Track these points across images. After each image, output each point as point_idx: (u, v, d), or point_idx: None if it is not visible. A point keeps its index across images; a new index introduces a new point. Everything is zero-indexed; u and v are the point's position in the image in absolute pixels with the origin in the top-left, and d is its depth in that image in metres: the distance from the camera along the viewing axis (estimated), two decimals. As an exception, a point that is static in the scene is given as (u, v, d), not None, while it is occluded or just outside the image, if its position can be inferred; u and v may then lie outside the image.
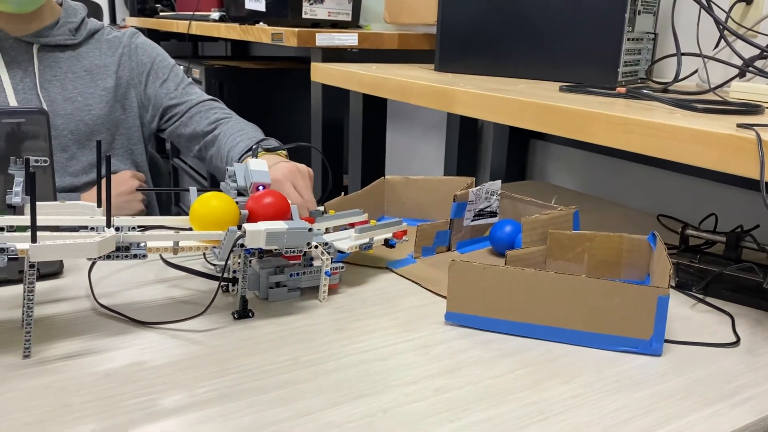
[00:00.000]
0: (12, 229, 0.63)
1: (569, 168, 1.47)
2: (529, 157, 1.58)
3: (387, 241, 0.83)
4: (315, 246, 0.73)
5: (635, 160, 1.30)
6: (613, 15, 0.96)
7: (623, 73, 0.98)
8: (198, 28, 1.96)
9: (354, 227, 0.82)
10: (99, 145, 0.69)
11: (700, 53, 0.94)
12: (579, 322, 0.66)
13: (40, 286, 0.76)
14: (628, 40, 0.97)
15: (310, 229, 0.70)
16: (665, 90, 0.92)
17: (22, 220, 0.64)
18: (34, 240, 0.57)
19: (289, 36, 1.37)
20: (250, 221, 0.72)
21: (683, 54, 0.94)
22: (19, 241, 0.59)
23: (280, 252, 0.71)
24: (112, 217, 0.65)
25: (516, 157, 1.56)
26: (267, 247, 0.68)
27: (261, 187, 0.79)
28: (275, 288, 0.75)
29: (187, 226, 0.75)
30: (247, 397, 0.56)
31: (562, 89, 0.90)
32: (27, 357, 0.60)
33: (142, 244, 0.64)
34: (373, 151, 1.48)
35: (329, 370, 0.61)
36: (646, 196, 1.29)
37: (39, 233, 0.58)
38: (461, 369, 0.62)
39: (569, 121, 0.75)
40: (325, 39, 1.35)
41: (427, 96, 0.97)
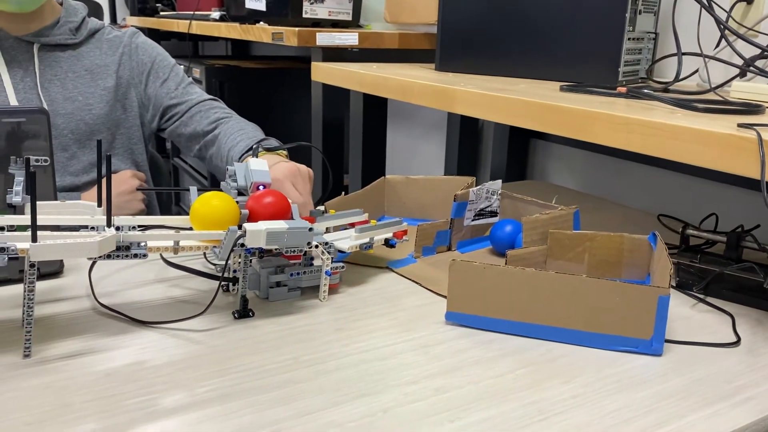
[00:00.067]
0: (12, 228, 0.63)
1: (570, 168, 1.47)
2: (529, 157, 1.58)
3: (387, 241, 0.83)
4: (315, 245, 0.73)
5: (636, 160, 1.30)
6: (614, 15, 0.96)
7: (624, 72, 0.98)
8: (198, 27, 1.96)
9: (354, 227, 0.82)
10: (99, 144, 0.69)
11: (700, 53, 0.94)
12: (579, 322, 0.66)
13: (41, 286, 0.76)
14: (629, 39, 0.97)
15: (311, 229, 0.70)
16: (666, 90, 0.92)
17: (23, 219, 0.64)
18: (34, 239, 0.57)
19: (289, 35, 1.37)
20: (250, 221, 0.72)
21: (684, 54, 0.94)
22: (19, 241, 0.59)
23: (280, 251, 0.71)
24: (113, 216, 0.65)
25: (516, 157, 1.55)
26: (267, 247, 0.68)
27: (261, 186, 0.79)
28: (275, 287, 0.75)
29: (187, 226, 0.75)
30: (247, 396, 0.56)
31: (563, 89, 0.90)
32: (27, 356, 0.60)
33: (143, 244, 0.64)
34: (373, 151, 1.48)
35: (329, 369, 0.61)
36: (647, 196, 1.29)
37: (39, 233, 0.58)
38: (461, 369, 0.62)
39: (570, 121, 0.75)
40: (325, 38, 1.35)
41: (427, 95, 0.97)
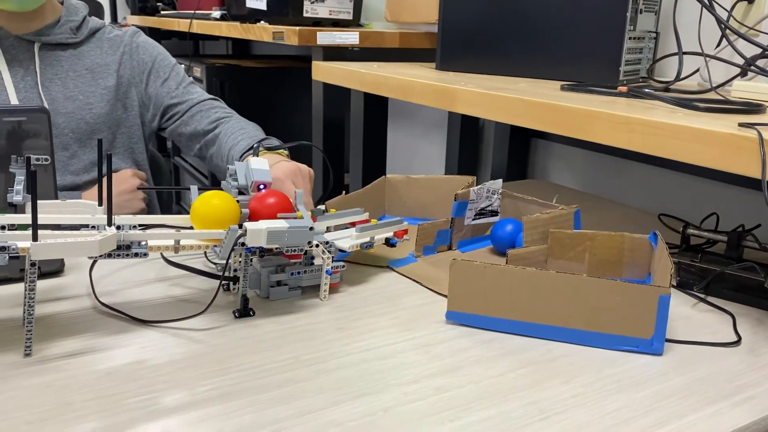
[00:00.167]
0: (13, 227, 0.63)
1: (570, 167, 1.47)
2: (530, 156, 1.58)
3: (388, 240, 0.83)
4: (316, 245, 0.73)
5: (636, 159, 1.30)
6: (615, 14, 0.96)
7: (625, 72, 0.98)
8: (199, 26, 1.96)
9: (355, 226, 0.82)
10: (100, 143, 0.69)
11: (701, 52, 0.94)
12: (580, 322, 0.66)
13: (41, 285, 0.76)
14: (630, 39, 0.97)
15: (311, 228, 0.70)
16: (667, 89, 0.92)
17: (23, 218, 0.64)
18: (35, 238, 0.57)
19: (290, 35, 1.37)
20: (252, 221, 0.72)
21: (685, 53, 0.94)
22: (20, 240, 0.59)
23: (281, 251, 0.71)
24: (113, 215, 0.65)
25: (517, 156, 1.55)
26: (268, 246, 0.68)
27: (262, 186, 0.79)
28: (276, 287, 0.75)
29: (188, 225, 0.75)
30: (247, 395, 0.56)
31: (564, 88, 0.90)
32: (28, 355, 0.60)
33: (143, 243, 0.64)
34: (374, 150, 1.48)
35: (330, 368, 0.61)
36: (648, 195, 1.29)
37: (40, 232, 0.58)
38: (462, 368, 0.62)
39: (571, 120, 0.75)
40: (326, 38, 1.35)
41: (428, 95, 0.97)
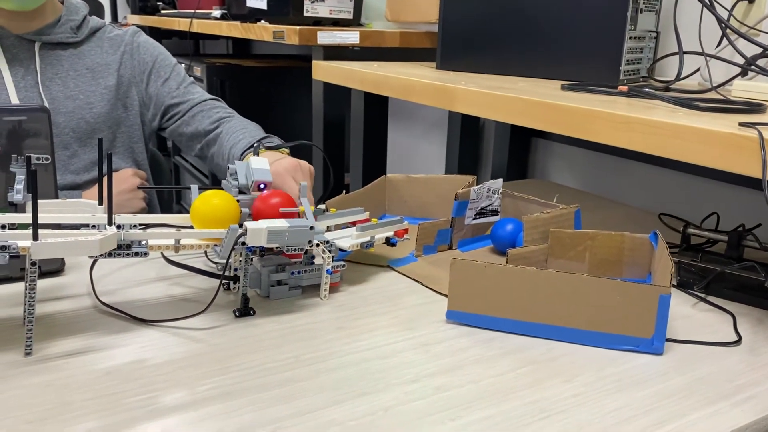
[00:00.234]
0: (13, 226, 0.63)
1: (571, 166, 1.47)
2: (530, 156, 1.58)
3: (388, 240, 0.83)
4: (316, 244, 0.73)
5: (637, 159, 1.30)
6: (615, 13, 0.96)
7: (625, 71, 0.98)
8: (199, 26, 1.96)
9: (355, 225, 0.82)
10: (100, 143, 0.69)
11: (702, 52, 0.93)
12: (580, 321, 0.66)
13: (42, 284, 0.76)
14: (630, 38, 0.97)
15: (312, 227, 0.70)
16: (667, 88, 0.92)
17: (24, 217, 0.64)
18: (35, 237, 0.57)
19: (290, 34, 1.37)
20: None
21: (685, 52, 0.94)
22: (20, 239, 0.59)
23: (281, 250, 0.71)
24: (114, 214, 0.65)
25: (517, 156, 1.55)
26: (268, 245, 0.68)
27: (262, 185, 0.79)
28: (276, 286, 0.75)
29: (188, 224, 0.75)
30: (248, 395, 0.56)
31: (564, 87, 0.90)
32: (28, 355, 0.60)
33: (144, 242, 0.64)
34: (374, 150, 1.48)
35: (330, 368, 0.61)
36: (648, 195, 1.29)
37: (40, 231, 0.58)
38: (462, 367, 0.62)
39: (571, 120, 0.75)
40: (326, 37, 1.35)
41: (428, 94, 0.97)
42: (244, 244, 0.67)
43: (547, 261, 0.84)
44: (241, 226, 0.67)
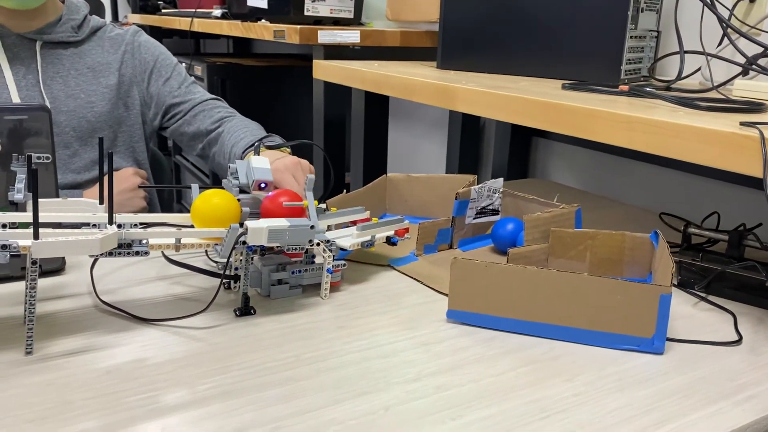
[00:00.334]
0: (14, 225, 0.63)
1: (571, 166, 1.47)
2: (531, 155, 1.57)
3: (389, 239, 0.83)
4: (317, 243, 0.73)
5: (638, 158, 1.30)
6: (616, 13, 0.96)
7: (626, 70, 0.98)
8: (200, 25, 1.96)
9: (356, 225, 0.82)
10: (101, 142, 0.69)
11: (703, 51, 0.93)
12: (581, 320, 0.66)
13: (42, 283, 0.76)
14: (631, 37, 0.97)
15: (312, 227, 0.70)
16: (668, 88, 0.92)
17: (25, 216, 0.64)
18: (36, 237, 0.57)
19: (291, 33, 1.37)
20: None
21: (686, 52, 0.93)
22: (21, 238, 0.59)
23: (282, 249, 0.71)
24: (114, 214, 0.65)
25: (518, 155, 1.55)
26: (269, 244, 0.68)
27: (263, 184, 0.79)
28: (277, 285, 0.75)
29: (188, 224, 0.75)
30: (248, 394, 0.56)
31: (565, 87, 0.90)
32: (29, 354, 0.61)
33: (144, 241, 0.64)
34: (375, 149, 1.48)
35: (331, 367, 0.61)
36: (649, 194, 1.29)
37: (41, 230, 0.58)
38: (463, 367, 0.62)
39: (572, 119, 0.75)
40: (327, 36, 1.35)
41: (429, 93, 0.97)
42: (244, 243, 0.67)
43: (547, 260, 0.84)
44: (241, 225, 0.67)
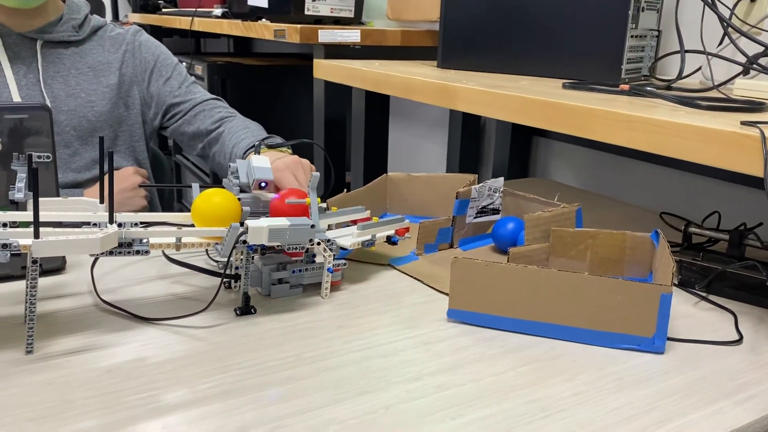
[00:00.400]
0: (15, 224, 0.63)
1: (572, 165, 1.46)
2: (531, 155, 1.57)
3: (389, 238, 0.83)
4: (317, 242, 0.73)
5: (638, 158, 1.30)
6: (617, 12, 0.95)
7: (626, 70, 0.98)
8: (200, 24, 1.96)
9: (356, 224, 0.82)
10: (101, 141, 0.69)
11: (703, 50, 0.93)
12: (582, 320, 0.66)
13: (43, 282, 0.76)
14: (632, 37, 0.97)
15: (313, 226, 0.70)
16: (669, 87, 0.91)
17: (25, 215, 0.64)
18: (36, 236, 0.57)
19: (291, 32, 1.37)
20: None
21: (687, 51, 0.93)
22: (21, 237, 0.59)
23: (282, 248, 0.71)
24: (115, 213, 0.65)
25: (518, 155, 1.55)
26: (269, 244, 0.68)
27: (263, 183, 0.79)
28: (277, 284, 0.75)
29: (189, 223, 0.75)
30: (249, 393, 0.56)
31: (565, 86, 0.90)
32: (29, 353, 0.61)
33: (145, 241, 0.64)
34: (375, 148, 1.48)
35: (331, 366, 0.61)
36: (649, 194, 1.29)
37: (41, 229, 0.58)
38: (463, 366, 0.62)
39: (572, 118, 0.75)
40: (327, 35, 1.35)
41: (429, 93, 0.97)
42: (245, 242, 0.67)
43: (548, 260, 0.84)
44: (242, 224, 0.67)
